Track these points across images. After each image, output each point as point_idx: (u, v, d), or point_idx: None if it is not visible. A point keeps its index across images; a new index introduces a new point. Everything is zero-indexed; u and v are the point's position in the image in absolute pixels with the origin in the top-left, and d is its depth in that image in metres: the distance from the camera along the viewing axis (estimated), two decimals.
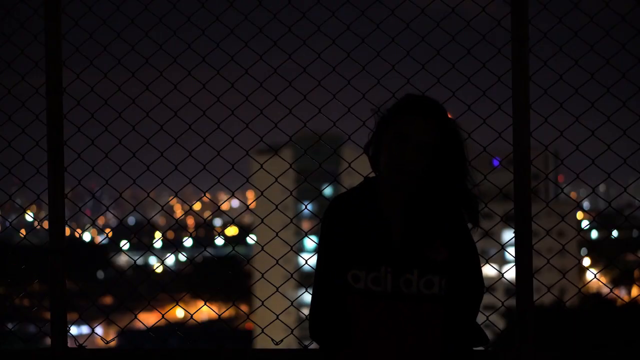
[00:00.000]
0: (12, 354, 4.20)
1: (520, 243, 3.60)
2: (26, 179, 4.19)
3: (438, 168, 2.81)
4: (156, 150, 4.13)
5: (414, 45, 3.89)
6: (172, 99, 4.28)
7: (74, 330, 4.83)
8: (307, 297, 3.20)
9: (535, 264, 3.68)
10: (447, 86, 3.88)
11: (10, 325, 4.47)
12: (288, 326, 4.18)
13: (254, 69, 4.12)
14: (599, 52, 3.79)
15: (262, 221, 4.11)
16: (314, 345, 3.31)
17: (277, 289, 4.16)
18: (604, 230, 50.69)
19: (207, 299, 4.30)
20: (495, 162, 4.18)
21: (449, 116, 2.87)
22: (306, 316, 3.01)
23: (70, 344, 3.97)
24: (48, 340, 3.98)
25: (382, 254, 2.79)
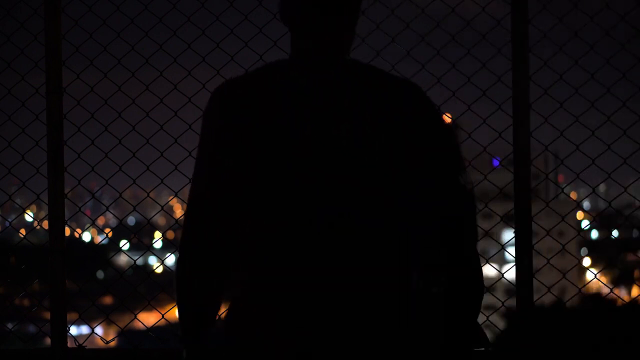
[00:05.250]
0: (12, 354, 4.20)
1: (520, 243, 3.60)
2: (26, 179, 4.19)
3: (430, 159, 2.79)
4: (156, 150, 4.13)
5: (414, 45, 3.89)
6: (172, 99, 4.28)
7: (74, 330, 4.82)
8: None
9: (535, 264, 3.68)
10: (447, 86, 3.88)
11: (10, 325, 4.46)
12: None
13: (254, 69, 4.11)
14: (599, 52, 3.80)
15: None
16: None
17: None
18: (604, 230, 50.70)
19: None
20: (495, 162, 4.18)
21: (447, 115, 2.87)
22: None
23: (70, 344, 3.97)
24: (48, 340, 3.98)
25: None
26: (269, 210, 2.33)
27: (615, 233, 49.17)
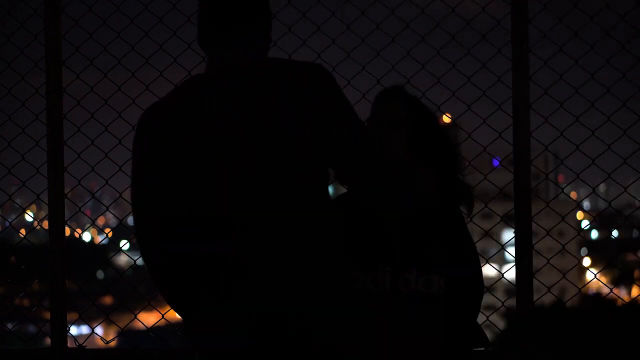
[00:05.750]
0: (12, 354, 4.20)
1: (520, 243, 3.60)
2: (26, 179, 4.19)
3: (422, 153, 2.80)
4: None
5: (414, 45, 3.89)
6: None
7: (74, 330, 4.83)
8: None
9: (535, 264, 3.68)
10: (447, 86, 3.88)
11: (10, 325, 4.46)
12: None
13: None
14: (599, 52, 3.80)
15: None
16: None
17: None
18: (604, 230, 50.71)
19: None
20: (495, 162, 4.18)
21: (445, 118, 2.87)
22: None
23: (70, 344, 3.97)
24: (48, 340, 3.98)
25: (380, 254, 2.79)
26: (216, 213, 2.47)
27: (615, 233, 49.19)
